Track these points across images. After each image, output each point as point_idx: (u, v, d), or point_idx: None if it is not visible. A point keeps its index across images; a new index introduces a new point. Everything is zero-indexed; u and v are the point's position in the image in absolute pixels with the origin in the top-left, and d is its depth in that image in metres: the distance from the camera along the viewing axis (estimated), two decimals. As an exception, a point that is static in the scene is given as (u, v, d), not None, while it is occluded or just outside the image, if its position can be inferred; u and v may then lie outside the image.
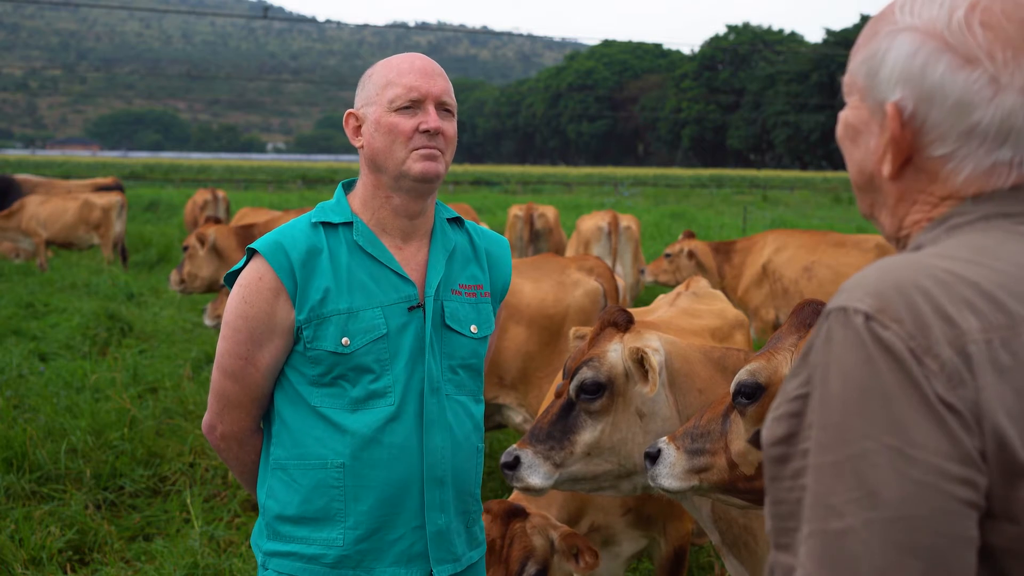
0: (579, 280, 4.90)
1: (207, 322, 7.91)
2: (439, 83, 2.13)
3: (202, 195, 15.20)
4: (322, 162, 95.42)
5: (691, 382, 2.85)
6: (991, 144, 1.11)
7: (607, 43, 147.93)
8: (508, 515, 2.96)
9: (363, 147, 2.15)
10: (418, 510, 2.12)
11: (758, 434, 2.32)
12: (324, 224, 2.15)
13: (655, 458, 2.52)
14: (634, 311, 3.64)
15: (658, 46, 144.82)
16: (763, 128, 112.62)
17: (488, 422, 4.96)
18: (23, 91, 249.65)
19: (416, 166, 2.09)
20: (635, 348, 2.79)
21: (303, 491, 2.11)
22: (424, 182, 2.11)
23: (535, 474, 2.77)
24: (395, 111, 2.09)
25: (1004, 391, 0.98)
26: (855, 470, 0.97)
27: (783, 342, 2.43)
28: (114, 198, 14.05)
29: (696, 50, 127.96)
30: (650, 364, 2.73)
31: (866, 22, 1.25)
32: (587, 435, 2.80)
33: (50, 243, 13.92)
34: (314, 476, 2.10)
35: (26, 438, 5.39)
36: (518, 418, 4.81)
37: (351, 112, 2.19)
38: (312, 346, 2.08)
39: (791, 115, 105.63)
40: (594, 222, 10.21)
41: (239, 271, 2.16)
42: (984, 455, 0.97)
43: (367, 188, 2.18)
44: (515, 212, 11.24)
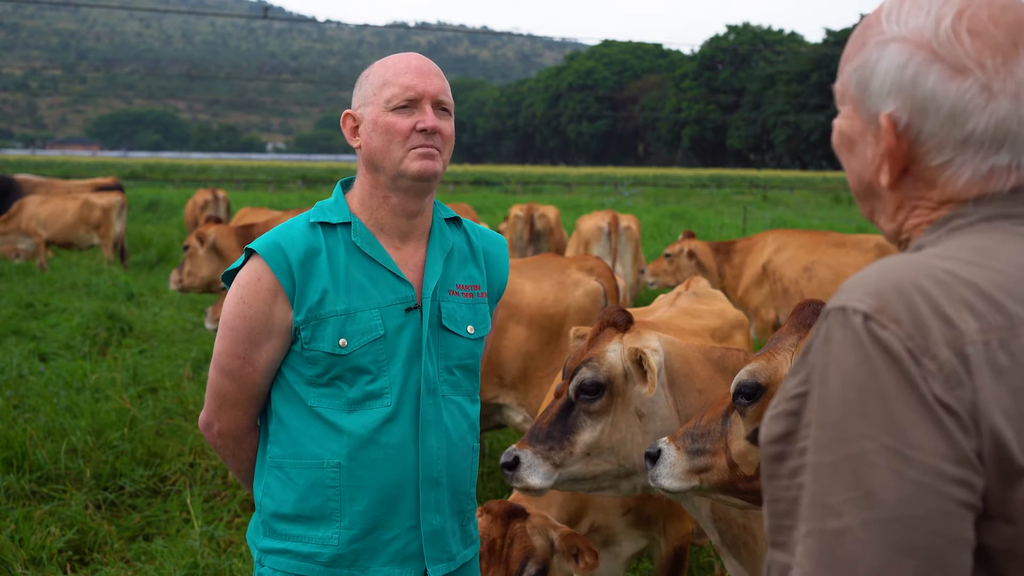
0: (579, 280, 4.90)
1: (208, 325, 7.91)
2: (436, 82, 2.13)
3: (202, 195, 15.20)
4: (322, 162, 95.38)
5: (691, 382, 2.85)
6: (987, 150, 1.11)
7: (607, 43, 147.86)
8: (508, 515, 2.96)
9: (361, 147, 2.15)
10: (413, 510, 2.13)
11: (756, 432, 2.32)
12: (322, 224, 2.14)
13: (655, 458, 2.52)
14: (634, 311, 3.64)
15: (658, 46, 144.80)
16: (763, 128, 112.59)
17: (488, 422, 4.96)
18: (23, 91, 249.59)
19: (414, 165, 2.09)
20: (634, 348, 2.79)
21: (299, 490, 2.12)
22: (422, 181, 2.11)
23: (535, 474, 2.77)
24: (392, 111, 2.10)
25: (1001, 392, 0.99)
26: (853, 470, 0.98)
27: (783, 342, 2.43)
28: (114, 198, 14.06)
29: (696, 50, 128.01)
30: (648, 365, 2.73)
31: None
32: (587, 435, 2.80)
33: (50, 243, 13.92)
34: (310, 475, 2.11)
35: (26, 438, 5.39)
36: (518, 418, 4.80)
37: (348, 113, 2.19)
38: (309, 347, 2.09)
39: (791, 115, 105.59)
40: (594, 222, 10.21)
41: (237, 270, 2.16)
42: (981, 456, 0.98)
43: (365, 188, 2.18)
44: (515, 212, 11.24)
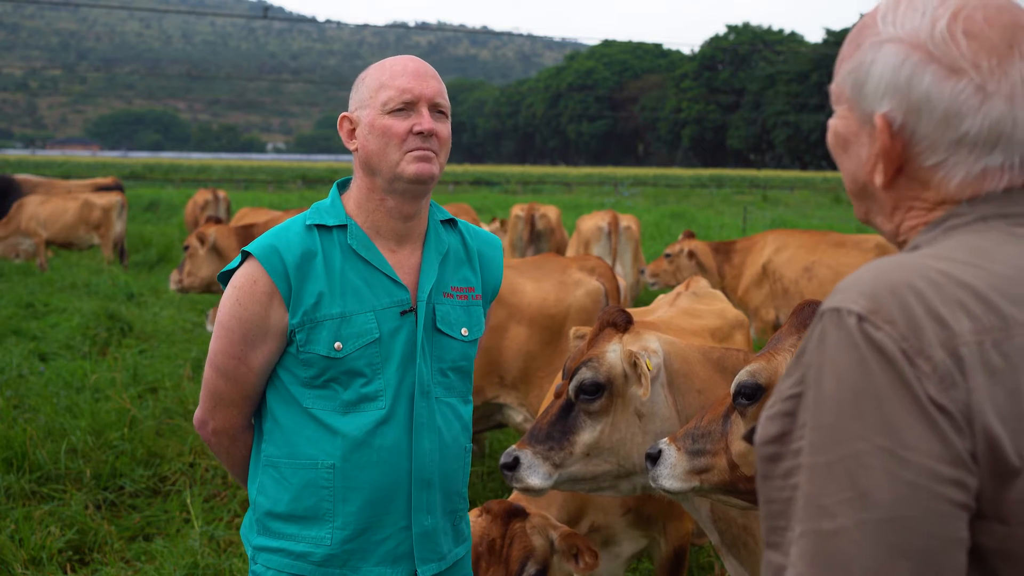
0: (580, 280, 4.90)
1: (209, 327, 7.92)
2: (432, 85, 2.13)
3: (203, 195, 15.20)
4: (322, 162, 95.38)
5: (690, 382, 2.86)
6: (981, 151, 1.12)
7: (607, 43, 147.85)
8: (508, 515, 2.96)
9: (357, 150, 2.16)
10: (405, 511, 2.14)
11: (752, 432, 2.32)
12: (318, 227, 2.15)
13: (656, 459, 2.52)
14: (634, 311, 3.65)
15: (658, 46, 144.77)
16: (763, 128, 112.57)
17: (488, 421, 4.96)
18: (23, 91, 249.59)
19: (410, 168, 2.09)
20: (629, 352, 2.79)
21: (293, 489, 2.13)
22: (418, 183, 2.11)
23: (534, 475, 2.77)
24: (388, 113, 2.10)
25: (995, 392, 0.99)
26: (847, 471, 0.98)
27: (783, 343, 2.43)
28: (114, 198, 14.06)
29: (696, 50, 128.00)
30: (641, 369, 2.73)
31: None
32: (586, 435, 2.80)
33: (50, 243, 13.92)
34: (304, 475, 2.12)
35: (26, 438, 5.39)
36: (519, 417, 4.80)
37: (345, 115, 2.19)
38: (305, 349, 2.10)
39: (791, 115, 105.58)
40: (594, 222, 10.21)
41: (233, 270, 2.16)
42: (975, 456, 0.98)
43: (362, 191, 2.18)
44: (516, 212, 11.22)
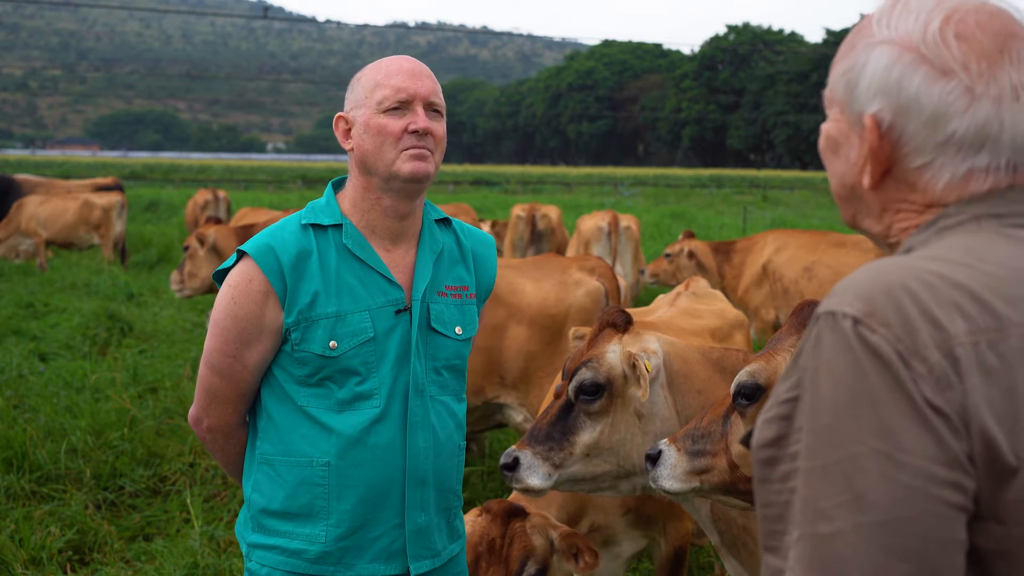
0: (581, 280, 4.90)
1: (210, 327, 7.90)
2: (427, 84, 2.15)
3: (203, 195, 15.21)
4: (322, 162, 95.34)
5: (690, 383, 2.86)
6: (967, 152, 1.12)
7: (607, 43, 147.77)
8: (508, 515, 2.96)
9: (353, 149, 2.16)
10: (399, 509, 2.15)
11: (749, 435, 2.32)
12: (314, 226, 2.16)
13: (655, 460, 2.52)
14: (633, 311, 3.65)
15: (658, 46, 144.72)
16: (763, 128, 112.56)
17: (488, 421, 4.96)
18: (23, 91, 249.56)
19: (406, 166, 2.10)
20: (628, 353, 2.79)
21: (288, 487, 2.14)
22: (414, 182, 2.12)
23: (534, 475, 2.77)
24: (384, 112, 2.11)
25: (991, 392, 0.99)
26: (844, 474, 0.98)
27: (783, 343, 2.43)
28: (114, 198, 14.05)
29: (696, 50, 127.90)
30: (640, 371, 2.73)
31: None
32: (586, 436, 2.80)
33: (50, 243, 13.92)
34: (299, 473, 2.13)
35: (26, 438, 5.39)
36: (519, 417, 4.80)
37: (341, 115, 2.20)
38: (300, 348, 2.10)
39: (791, 115, 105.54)
40: (594, 222, 10.20)
41: (228, 269, 2.17)
42: (972, 458, 0.98)
43: (357, 190, 2.19)
44: (517, 212, 11.18)
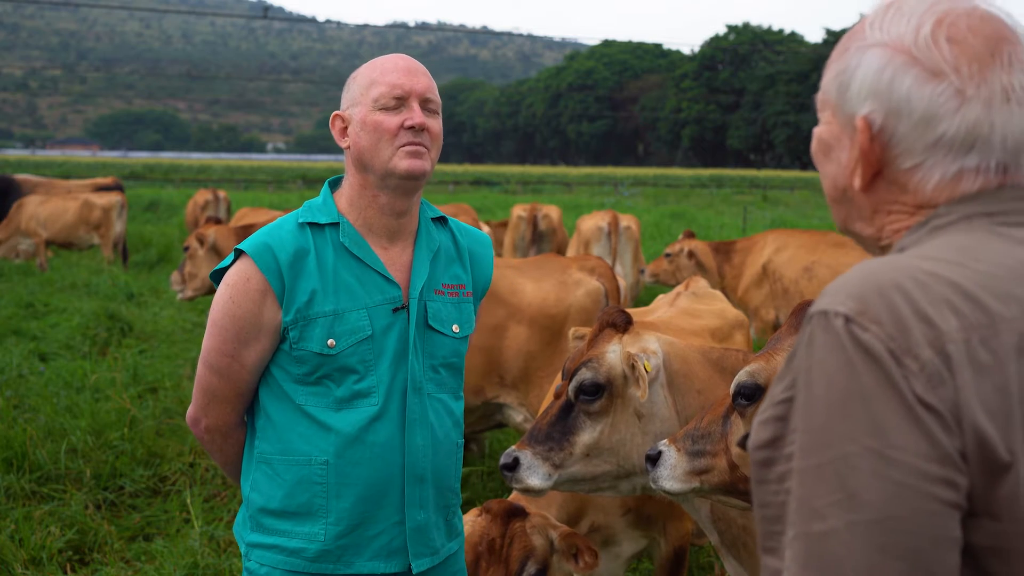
0: (581, 280, 4.90)
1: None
2: (422, 81, 2.16)
3: (203, 195, 15.21)
4: (322, 162, 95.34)
5: (690, 383, 2.86)
6: (957, 153, 1.13)
7: (607, 43, 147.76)
8: (508, 515, 2.96)
9: (349, 147, 2.17)
10: (398, 506, 2.16)
11: (747, 438, 2.33)
12: (311, 225, 2.16)
13: (655, 460, 2.52)
14: (633, 311, 3.65)
15: (658, 46, 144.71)
16: (763, 128, 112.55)
17: (488, 421, 4.96)
18: (23, 91, 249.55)
19: (402, 163, 2.11)
20: (627, 354, 2.79)
21: (287, 486, 2.14)
22: (410, 179, 2.13)
23: (534, 475, 2.77)
24: (380, 109, 2.12)
25: (984, 388, 0.99)
26: (837, 473, 0.98)
27: (782, 343, 2.43)
28: (114, 198, 14.05)
29: (696, 50, 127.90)
30: (639, 372, 2.73)
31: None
32: (586, 436, 2.80)
33: (50, 243, 13.91)
34: (298, 472, 2.13)
35: (26, 438, 5.39)
36: (519, 417, 4.80)
37: (337, 114, 2.21)
38: (298, 346, 2.11)
39: (791, 115, 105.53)
40: (594, 222, 10.20)
41: (226, 268, 2.17)
42: (964, 454, 0.98)
43: (354, 188, 2.19)
44: (519, 212, 11.14)
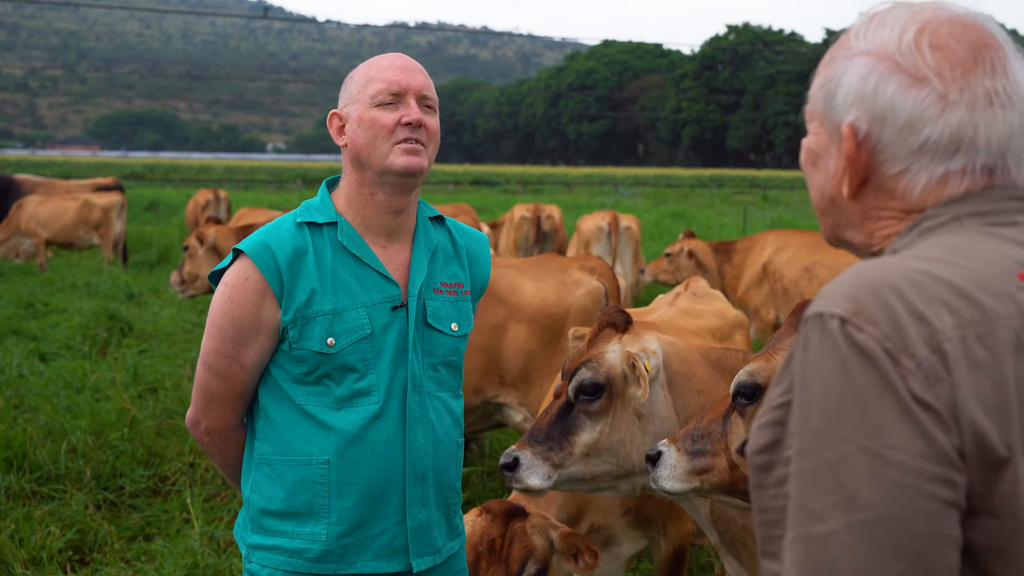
0: (581, 280, 4.90)
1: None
2: (419, 78, 2.16)
3: (204, 195, 15.22)
4: (322, 162, 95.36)
5: (689, 383, 2.86)
6: (942, 156, 1.13)
7: (607, 43, 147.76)
8: (508, 515, 2.96)
9: (347, 145, 2.17)
10: (400, 505, 2.15)
11: (746, 444, 2.33)
12: (309, 224, 2.16)
13: (655, 460, 2.52)
14: (633, 311, 3.65)
15: (658, 46, 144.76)
16: (763, 128, 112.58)
17: (488, 421, 4.96)
18: (23, 91, 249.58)
19: (399, 161, 2.11)
20: (628, 353, 2.79)
21: (287, 486, 2.14)
22: (407, 176, 2.13)
23: (534, 475, 2.77)
24: (377, 106, 2.12)
25: (981, 385, 0.99)
26: (835, 474, 0.98)
27: (782, 343, 2.43)
28: (114, 198, 14.05)
29: (696, 50, 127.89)
30: (640, 371, 2.73)
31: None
32: (586, 436, 2.80)
33: (50, 243, 13.91)
34: (299, 472, 2.13)
35: (26, 438, 5.39)
36: (518, 417, 4.80)
37: (335, 112, 2.21)
38: (297, 346, 2.11)
39: (791, 115, 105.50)
40: (594, 222, 10.20)
41: (224, 269, 2.17)
42: (962, 452, 0.98)
43: (351, 186, 2.20)
44: (522, 213, 11.06)
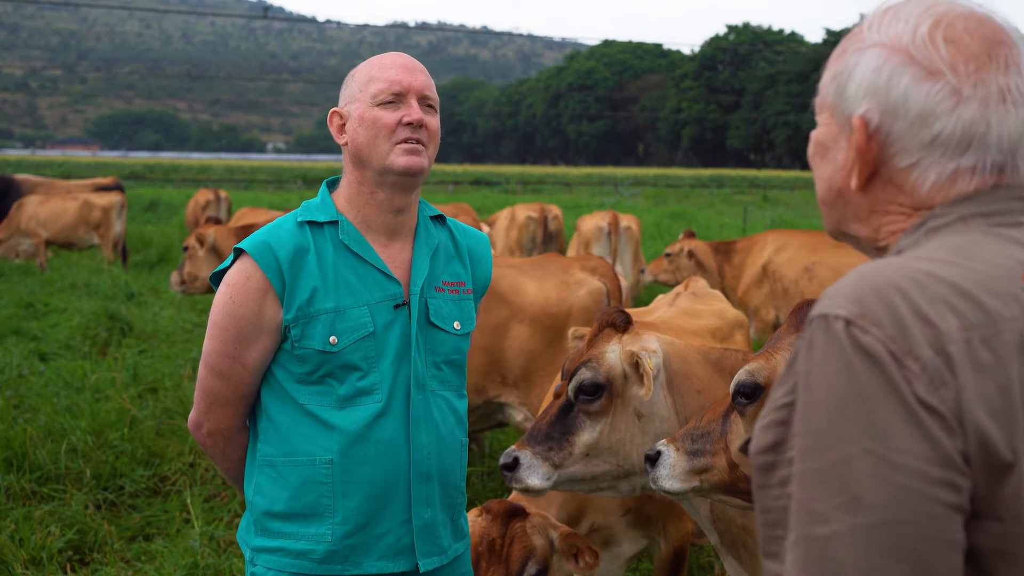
0: (582, 280, 4.90)
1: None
2: (420, 78, 2.16)
3: (204, 195, 15.23)
4: (322, 162, 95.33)
5: (689, 383, 2.86)
6: (953, 152, 1.13)
7: (607, 43, 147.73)
8: (508, 515, 2.96)
9: (347, 144, 2.17)
10: (405, 505, 2.15)
11: (748, 443, 2.33)
12: (310, 223, 2.16)
13: (655, 460, 2.52)
14: (633, 311, 3.65)
15: (658, 46, 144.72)
16: (763, 128, 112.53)
17: (489, 420, 4.96)
18: (23, 91, 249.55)
19: (400, 160, 2.11)
20: (630, 352, 2.79)
21: (291, 487, 2.13)
22: (408, 176, 2.13)
23: (534, 475, 2.77)
24: (378, 105, 2.12)
25: (986, 388, 0.99)
26: (839, 476, 0.98)
27: (782, 342, 2.43)
28: (114, 198, 14.05)
29: (696, 50, 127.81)
30: (644, 369, 2.73)
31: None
32: (586, 436, 2.80)
33: (50, 243, 13.91)
34: (302, 472, 2.12)
35: (26, 438, 5.39)
36: (519, 416, 4.80)
37: (335, 111, 2.21)
38: (300, 345, 2.10)
39: (791, 115, 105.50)
40: (595, 222, 10.20)
41: (225, 270, 2.17)
42: (967, 456, 0.98)
43: (352, 185, 2.19)
44: (528, 213, 11.01)
